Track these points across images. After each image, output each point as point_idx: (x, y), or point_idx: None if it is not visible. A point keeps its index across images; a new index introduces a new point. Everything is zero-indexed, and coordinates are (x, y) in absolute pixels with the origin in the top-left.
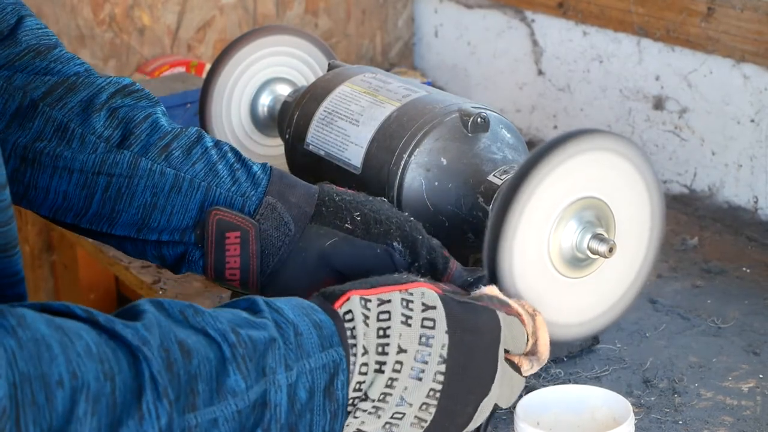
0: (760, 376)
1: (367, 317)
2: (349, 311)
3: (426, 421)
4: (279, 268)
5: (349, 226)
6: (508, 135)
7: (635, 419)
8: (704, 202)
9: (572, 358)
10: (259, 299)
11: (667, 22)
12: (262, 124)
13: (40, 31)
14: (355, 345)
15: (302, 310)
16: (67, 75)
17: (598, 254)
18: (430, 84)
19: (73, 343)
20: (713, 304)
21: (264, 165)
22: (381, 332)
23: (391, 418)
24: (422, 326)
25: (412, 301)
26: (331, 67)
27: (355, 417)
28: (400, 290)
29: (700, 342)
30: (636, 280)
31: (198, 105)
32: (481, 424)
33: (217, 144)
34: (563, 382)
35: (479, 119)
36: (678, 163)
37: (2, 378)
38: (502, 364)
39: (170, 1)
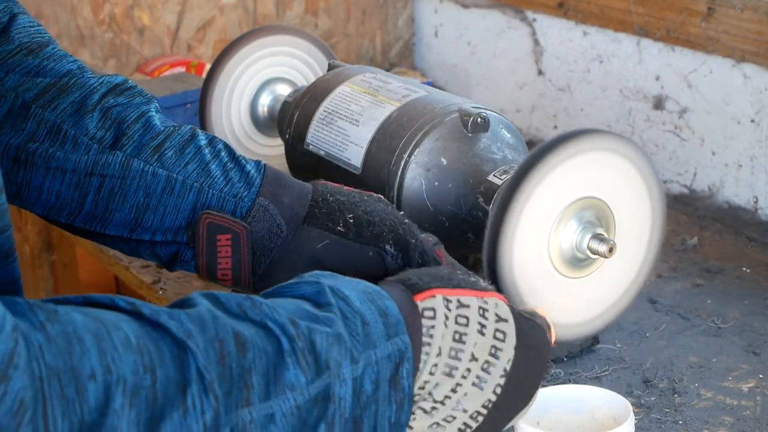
0: (760, 376)
1: (447, 318)
2: (432, 309)
3: (471, 428)
4: (271, 269)
5: (341, 229)
6: (508, 135)
7: (635, 419)
8: (704, 202)
9: (572, 358)
10: (325, 286)
11: (667, 22)
12: (262, 124)
13: (32, 29)
14: (430, 344)
15: (368, 296)
16: (60, 74)
17: (598, 254)
18: (430, 84)
19: (109, 335)
20: (713, 304)
21: (258, 163)
22: (457, 336)
23: (443, 419)
24: (495, 338)
25: (487, 310)
26: (331, 67)
27: (412, 413)
28: (478, 297)
29: (700, 342)
30: (636, 280)
31: (198, 105)
32: None
33: (211, 142)
34: (563, 382)
35: (479, 119)
36: (678, 163)
37: (20, 370)
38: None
39: (170, 1)
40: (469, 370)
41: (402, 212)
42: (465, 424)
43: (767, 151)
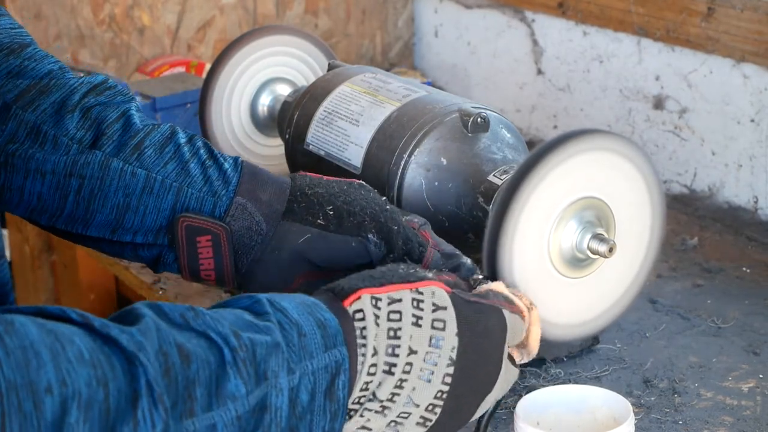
0: (760, 376)
1: (377, 317)
2: (360, 310)
3: (431, 421)
4: (254, 266)
5: (322, 222)
6: (508, 135)
7: (635, 419)
8: (704, 202)
9: (572, 358)
10: (263, 298)
11: (667, 22)
12: (262, 124)
13: (14, 30)
14: (364, 345)
15: (306, 308)
16: (40, 75)
17: (598, 254)
18: (430, 84)
19: (64, 349)
20: (713, 304)
21: (236, 160)
22: (392, 333)
23: (397, 417)
24: (432, 327)
25: (422, 301)
26: (331, 67)
27: (361, 416)
28: (411, 289)
29: (700, 342)
30: (636, 280)
31: (198, 105)
32: (481, 424)
33: (191, 140)
34: (563, 382)
35: (479, 119)
36: (678, 163)
37: None
38: (505, 361)
39: (170, 1)
40: (410, 364)
41: (384, 198)
42: (423, 417)
43: (767, 151)
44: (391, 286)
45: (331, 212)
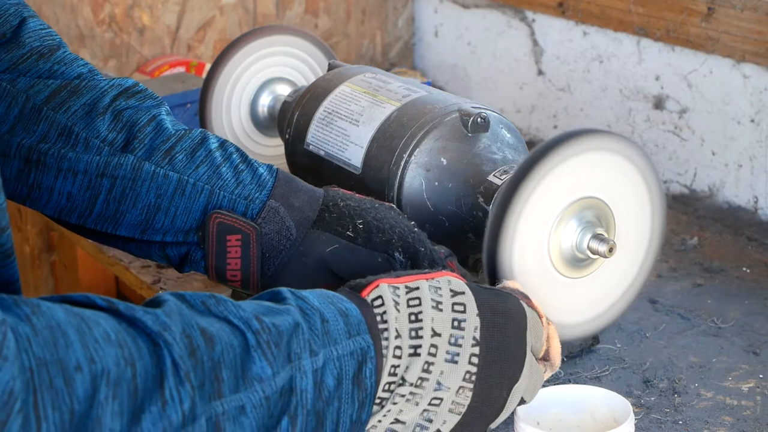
0: (760, 376)
1: (397, 303)
2: (379, 297)
3: (463, 406)
4: (280, 271)
5: (351, 234)
6: (508, 135)
7: (635, 419)
8: (704, 202)
9: (572, 358)
10: (284, 289)
11: (667, 22)
12: (262, 124)
13: (43, 32)
14: (386, 329)
15: (327, 299)
16: (71, 77)
17: (598, 254)
18: (430, 84)
19: (90, 329)
20: (713, 304)
21: (270, 167)
22: (413, 317)
23: (429, 404)
24: (453, 310)
25: (440, 288)
26: (331, 67)
27: (394, 403)
28: (427, 279)
29: (700, 342)
30: (636, 280)
31: (198, 105)
32: None
33: (222, 145)
34: (563, 382)
35: (479, 119)
36: (678, 163)
37: (9, 362)
38: (529, 350)
39: (170, 1)
40: (435, 346)
41: (413, 222)
42: (454, 402)
43: (767, 151)
44: (407, 277)
45: (361, 226)
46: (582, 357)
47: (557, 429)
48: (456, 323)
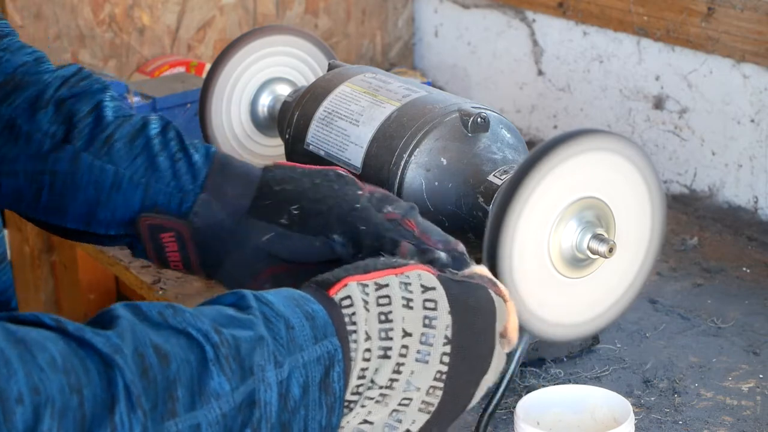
0: (760, 376)
1: (366, 302)
2: (348, 297)
3: (433, 405)
4: (221, 259)
5: (285, 222)
6: (508, 135)
7: (635, 419)
8: (704, 202)
9: (572, 358)
10: (248, 293)
11: (667, 22)
12: (262, 124)
13: None
14: (355, 331)
15: (293, 302)
16: (14, 66)
17: (598, 254)
18: (430, 84)
19: (34, 357)
20: (713, 304)
21: (207, 151)
22: (383, 317)
23: (399, 404)
24: (424, 308)
25: (410, 284)
26: (331, 67)
27: (363, 406)
28: (396, 274)
29: (700, 342)
30: (636, 280)
31: (198, 105)
32: (481, 424)
33: (163, 130)
34: (563, 382)
35: (479, 119)
36: (678, 163)
37: None
38: (497, 342)
39: (170, 1)
40: (405, 347)
41: (360, 191)
42: (424, 402)
43: (767, 151)
44: (377, 273)
45: (296, 212)
46: (582, 357)
47: (557, 429)
48: (427, 321)
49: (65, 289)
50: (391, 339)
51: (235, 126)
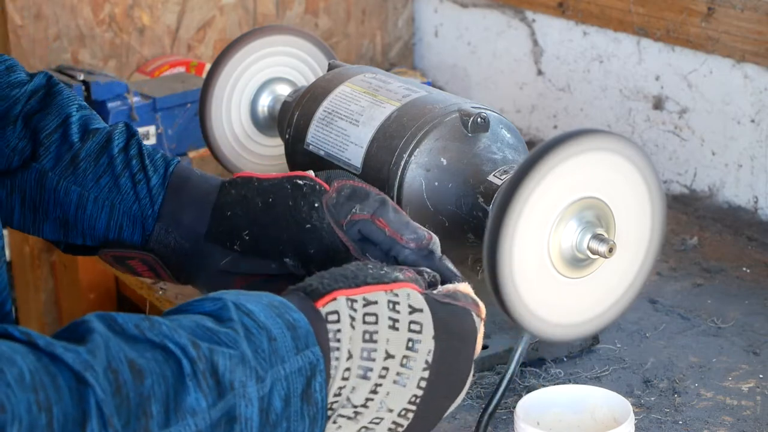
0: (760, 376)
1: (353, 319)
2: (335, 312)
3: (402, 426)
4: (192, 275)
5: (238, 248)
6: (508, 135)
7: (635, 419)
8: (704, 202)
9: (572, 358)
10: (229, 302)
11: (667, 22)
12: (262, 124)
13: None
14: (338, 348)
15: (274, 310)
16: None
17: (598, 254)
18: (430, 84)
19: (2, 372)
20: (713, 304)
21: (167, 169)
22: (367, 336)
23: (369, 422)
24: (409, 330)
25: (398, 303)
26: (331, 67)
27: (334, 422)
28: (386, 291)
29: (700, 342)
30: (636, 280)
31: (198, 105)
32: (481, 424)
33: (126, 147)
34: (563, 382)
35: (479, 119)
36: (678, 163)
37: None
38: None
39: (170, 1)
40: (386, 369)
41: (318, 203)
42: (395, 422)
43: (767, 151)
44: (366, 288)
45: (248, 237)
46: (582, 357)
47: (557, 429)
48: (410, 344)
49: (65, 289)
50: (373, 360)
51: (235, 126)
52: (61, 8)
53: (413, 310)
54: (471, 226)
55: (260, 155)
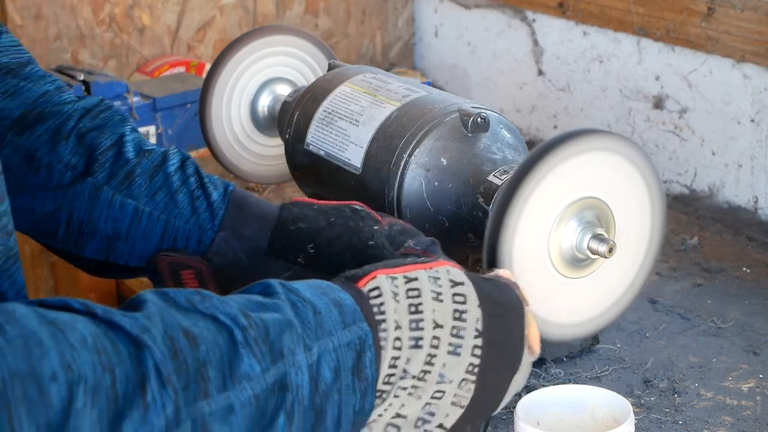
0: (760, 376)
1: (396, 294)
2: (376, 288)
3: (466, 398)
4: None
5: (302, 261)
6: (508, 135)
7: (635, 419)
8: (704, 202)
9: (572, 358)
10: (274, 281)
11: (667, 22)
12: (262, 124)
13: (13, 48)
14: (384, 320)
15: (320, 290)
16: (35, 96)
17: (598, 254)
18: (430, 84)
19: (66, 336)
20: (713, 304)
21: (225, 190)
22: (413, 308)
23: (431, 397)
24: (454, 301)
25: (439, 278)
26: (331, 67)
27: (396, 396)
28: (425, 268)
29: (700, 342)
30: (636, 280)
31: (198, 105)
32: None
33: (182, 166)
34: (563, 382)
35: (479, 119)
36: (678, 163)
37: None
38: (526, 343)
39: (170, 1)
40: (437, 338)
41: (376, 227)
42: (457, 395)
43: (767, 151)
44: (405, 267)
45: (312, 251)
46: (582, 357)
47: (557, 429)
48: (457, 314)
49: (65, 289)
50: (422, 329)
51: (235, 126)
52: (61, 8)
53: (455, 283)
54: (471, 226)
55: (260, 155)
